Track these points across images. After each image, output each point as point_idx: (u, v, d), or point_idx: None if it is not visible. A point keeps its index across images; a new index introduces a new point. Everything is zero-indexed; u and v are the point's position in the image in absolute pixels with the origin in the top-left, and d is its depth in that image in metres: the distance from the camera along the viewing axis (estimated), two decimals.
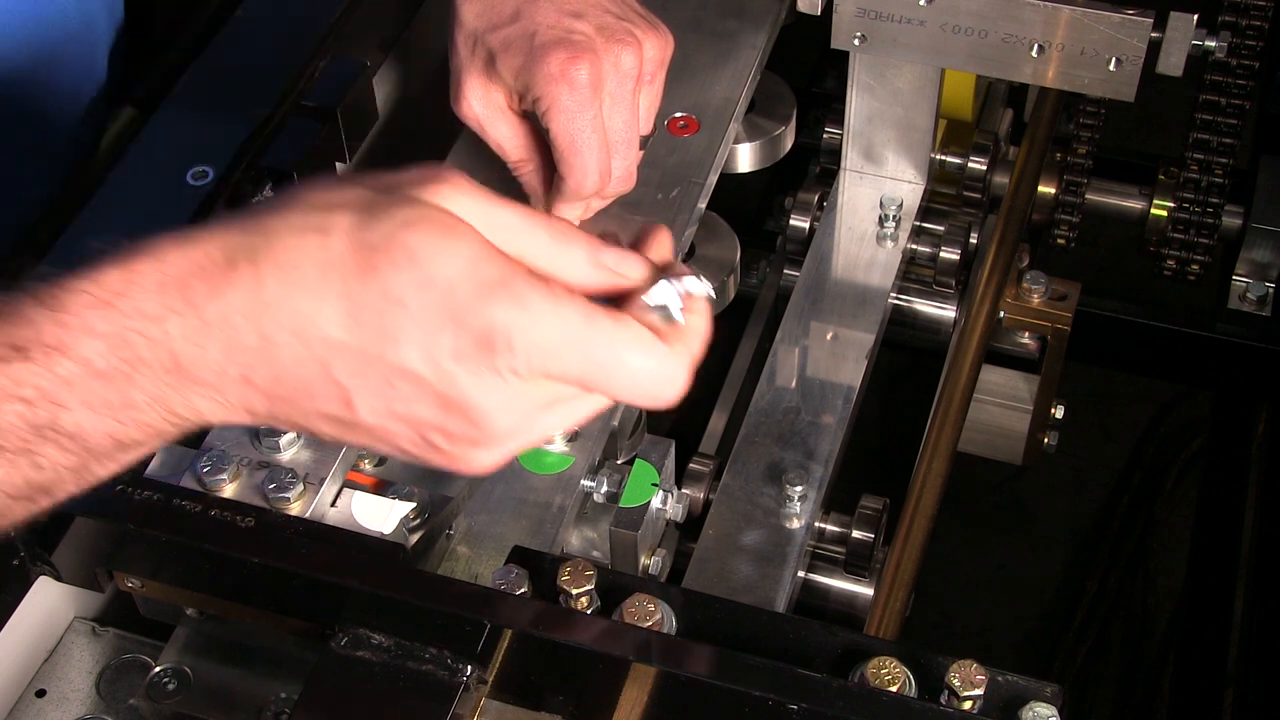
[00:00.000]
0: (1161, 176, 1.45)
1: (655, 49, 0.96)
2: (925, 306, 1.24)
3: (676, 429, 1.11)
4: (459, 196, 0.66)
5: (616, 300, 0.69)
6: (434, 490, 0.89)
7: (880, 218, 1.21)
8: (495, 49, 0.95)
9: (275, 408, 0.66)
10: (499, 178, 1.03)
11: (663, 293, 0.68)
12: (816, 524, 1.03)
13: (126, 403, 0.64)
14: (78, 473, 0.65)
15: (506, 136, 0.99)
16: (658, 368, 0.67)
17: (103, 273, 0.63)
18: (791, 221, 1.25)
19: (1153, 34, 1.04)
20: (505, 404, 0.66)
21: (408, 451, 0.69)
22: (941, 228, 1.23)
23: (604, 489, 0.95)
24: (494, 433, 0.67)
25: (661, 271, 0.70)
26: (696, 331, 0.69)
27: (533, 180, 1.00)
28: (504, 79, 0.96)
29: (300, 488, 0.84)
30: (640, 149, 0.99)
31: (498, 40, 0.95)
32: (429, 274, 0.63)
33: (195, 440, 0.85)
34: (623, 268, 0.69)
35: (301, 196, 0.66)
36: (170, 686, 0.89)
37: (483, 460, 0.69)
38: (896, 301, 1.22)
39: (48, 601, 0.93)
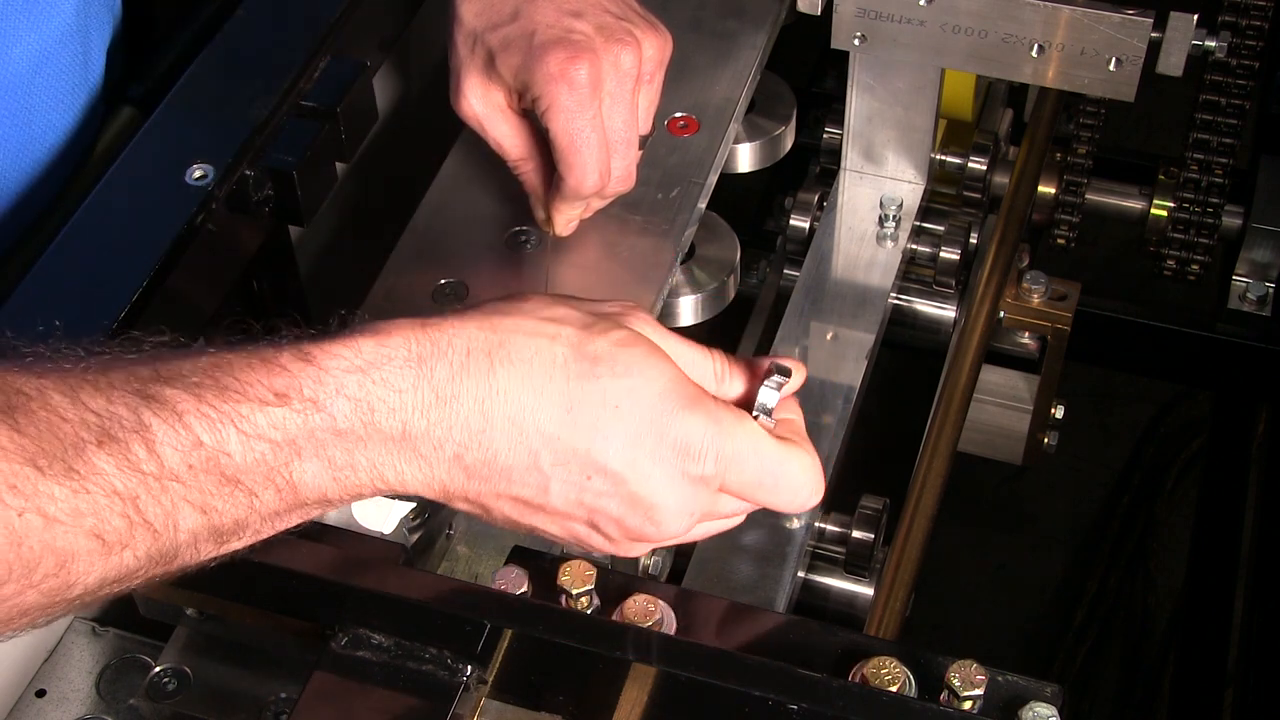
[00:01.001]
0: (1161, 176, 1.45)
1: (654, 49, 0.96)
2: (925, 306, 1.24)
3: None
4: (650, 328, 0.77)
5: None
6: None
7: (880, 218, 1.21)
8: (495, 48, 0.95)
9: (472, 485, 0.73)
10: (499, 176, 1.03)
11: (766, 395, 0.78)
12: (816, 524, 1.03)
13: (350, 463, 0.70)
14: (268, 522, 0.70)
15: (506, 135, 0.99)
16: (813, 477, 0.78)
17: (360, 342, 0.70)
18: (791, 221, 1.25)
19: (1153, 34, 1.04)
20: (681, 506, 0.75)
21: (575, 536, 0.76)
22: (941, 228, 1.23)
23: None
24: (664, 530, 0.76)
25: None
26: (804, 432, 0.81)
27: (532, 179, 1.00)
28: (503, 78, 0.96)
29: None
30: (640, 149, 0.99)
31: (497, 39, 0.95)
32: (640, 386, 0.73)
33: None
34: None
35: (529, 308, 0.74)
36: (170, 686, 0.89)
37: (637, 551, 0.78)
38: (896, 301, 1.22)
39: None
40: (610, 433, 0.72)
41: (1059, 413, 1.40)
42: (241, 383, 0.67)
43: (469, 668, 0.75)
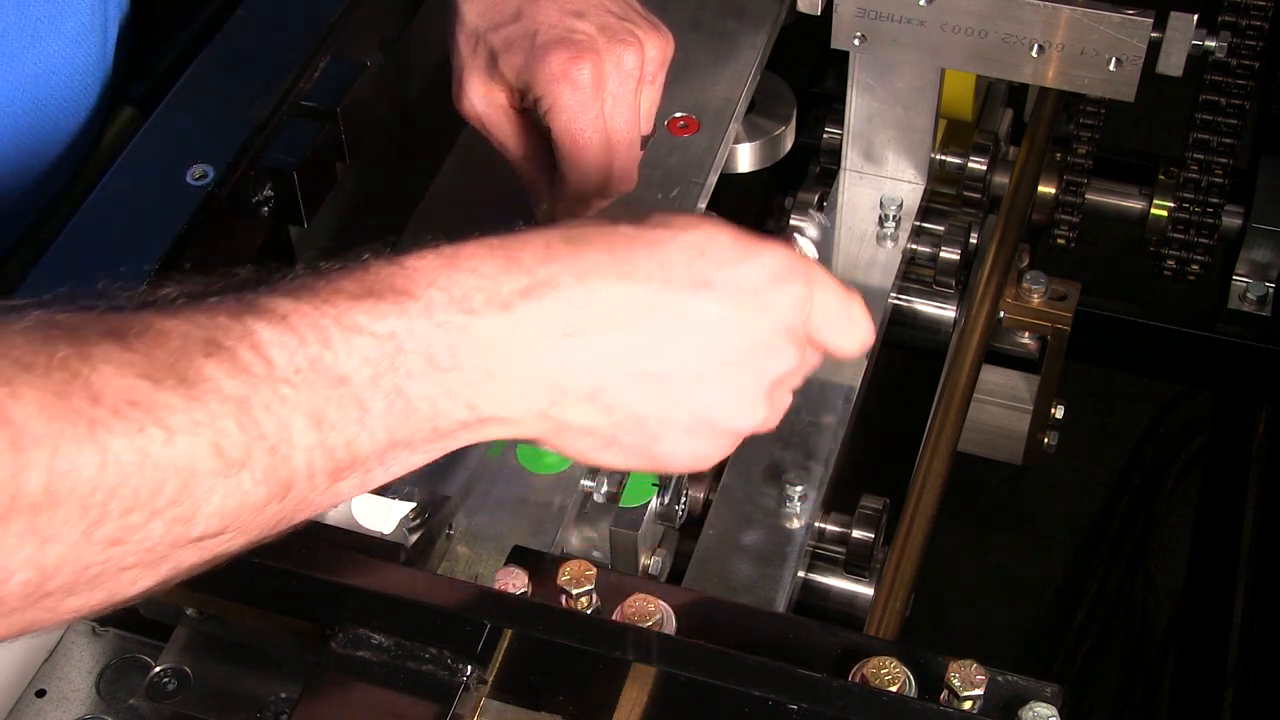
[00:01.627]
0: (1161, 176, 1.45)
1: (657, 49, 0.96)
2: (925, 306, 1.24)
3: None
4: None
5: None
6: (433, 490, 0.89)
7: (880, 218, 1.21)
8: (497, 48, 0.95)
9: (585, 374, 0.69)
10: (501, 176, 1.03)
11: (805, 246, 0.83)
12: (816, 524, 1.03)
13: (454, 363, 0.66)
14: (377, 452, 0.65)
15: (508, 135, 0.99)
16: (866, 313, 0.78)
17: (439, 246, 0.67)
18: (791, 221, 1.25)
19: (1153, 34, 1.04)
20: (798, 339, 0.74)
21: (699, 413, 0.72)
22: (941, 228, 1.23)
23: (604, 489, 0.95)
24: (789, 369, 0.74)
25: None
26: None
27: (534, 179, 1.00)
28: (505, 78, 0.96)
29: None
30: (641, 149, 0.99)
31: (499, 39, 0.95)
32: (705, 231, 0.72)
33: None
34: None
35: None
36: (170, 686, 0.89)
37: (748, 423, 0.74)
38: (896, 301, 1.22)
39: None
40: (711, 280, 0.70)
41: (1059, 413, 1.40)
42: (336, 287, 0.64)
43: (469, 668, 0.75)
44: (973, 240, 1.24)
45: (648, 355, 0.70)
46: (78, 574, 0.58)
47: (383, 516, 0.86)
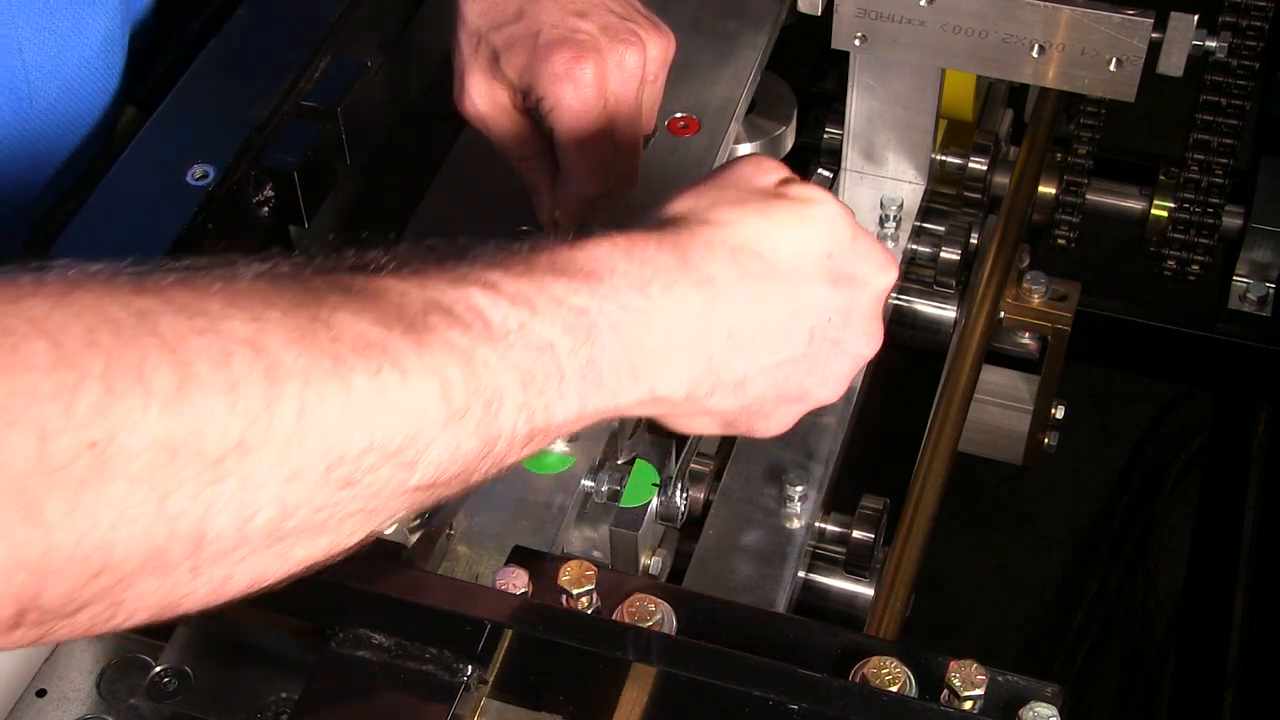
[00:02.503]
0: (1162, 177, 1.45)
1: (658, 49, 0.96)
2: (925, 306, 1.24)
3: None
4: None
5: None
6: None
7: (880, 218, 1.21)
8: (499, 47, 0.95)
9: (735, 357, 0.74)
10: (502, 176, 1.03)
11: None
12: (817, 524, 1.03)
13: (639, 344, 0.70)
14: (565, 421, 0.68)
15: (510, 134, 0.99)
16: None
17: (613, 236, 0.71)
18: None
19: (1153, 34, 1.04)
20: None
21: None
22: (942, 228, 1.23)
23: (604, 489, 0.95)
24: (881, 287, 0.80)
25: None
26: None
27: (536, 178, 1.00)
28: (507, 77, 0.96)
29: None
30: (643, 149, 0.99)
31: (501, 39, 0.95)
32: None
33: None
34: None
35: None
36: (170, 686, 0.89)
37: (830, 398, 0.80)
38: (897, 301, 1.22)
39: None
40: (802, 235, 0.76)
41: (1059, 413, 1.40)
42: (529, 263, 0.68)
43: (469, 668, 0.75)
44: (973, 240, 1.24)
45: (786, 349, 0.76)
46: (311, 516, 0.59)
47: None
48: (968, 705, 0.72)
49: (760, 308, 0.74)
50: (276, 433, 0.57)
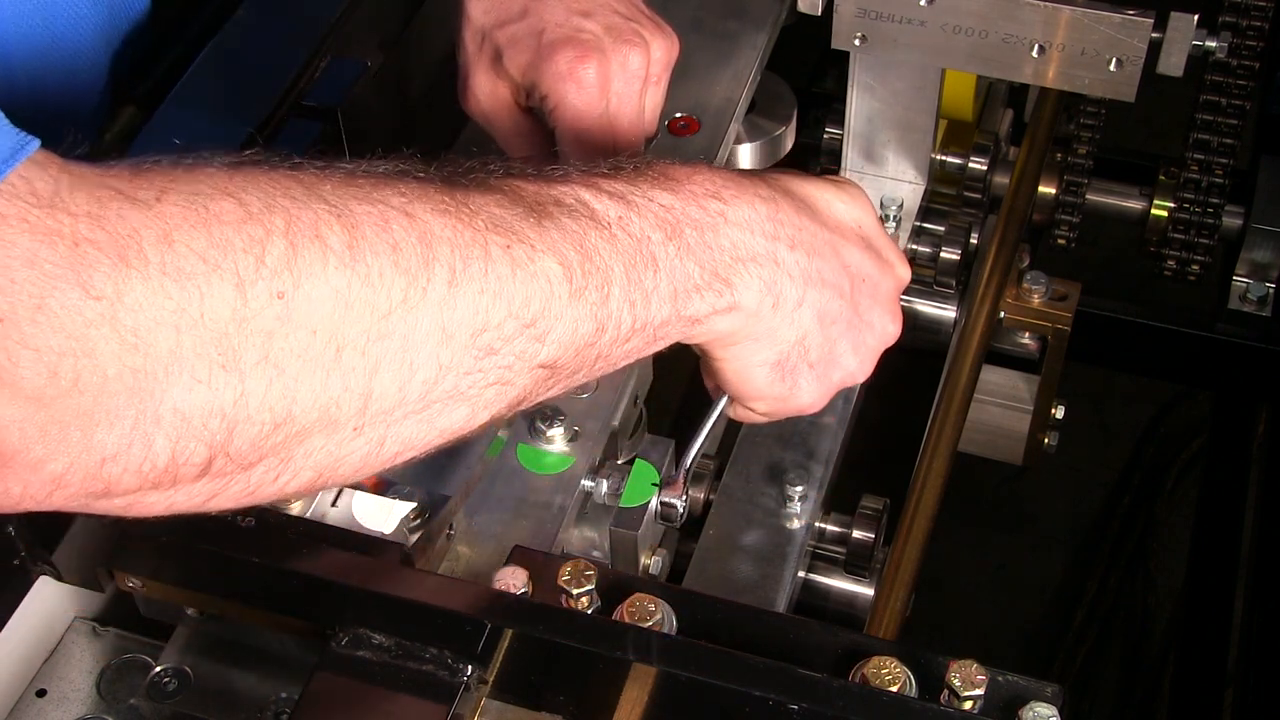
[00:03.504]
0: (1162, 177, 1.45)
1: (661, 50, 0.96)
2: (926, 306, 1.24)
3: (676, 429, 1.11)
4: None
5: None
6: (433, 490, 0.89)
7: (880, 218, 1.21)
8: (502, 45, 0.95)
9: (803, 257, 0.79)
10: None
11: None
12: (817, 524, 1.03)
13: (715, 241, 0.74)
14: (652, 321, 0.72)
15: (512, 132, 0.99)
16: None
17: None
18: None
19: (1153, 34, 1.04)
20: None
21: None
22: (942, 228, 1.23)
23: (604, 489, 0.95)
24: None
25: None
26: None
27: None
28: (511, 76, 0.96)
29: None
30: (644, 149, 0.99)
31: (505, 37, 0.95)
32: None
33: None
34: None
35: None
36: (170, 686, 0.89)
37: (856, 377, 0.84)
38: None
39: (48, 601, 0.93)
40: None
41: (1059, 413, 1.40)
42: (615, 167, 0.73)
43: (469, 668, 0.75)
44: (973, 240, 1.24)
45: (831, 287, 0.80)
46: (458, 381, 0.64)
47: (383, 516, 0.86)
48: (968, 705, 0.72)
49: (811, 239, 0.78)
50: (433, 294, 0.62)
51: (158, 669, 0.90)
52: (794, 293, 0.78)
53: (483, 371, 0.65)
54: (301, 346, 0.58)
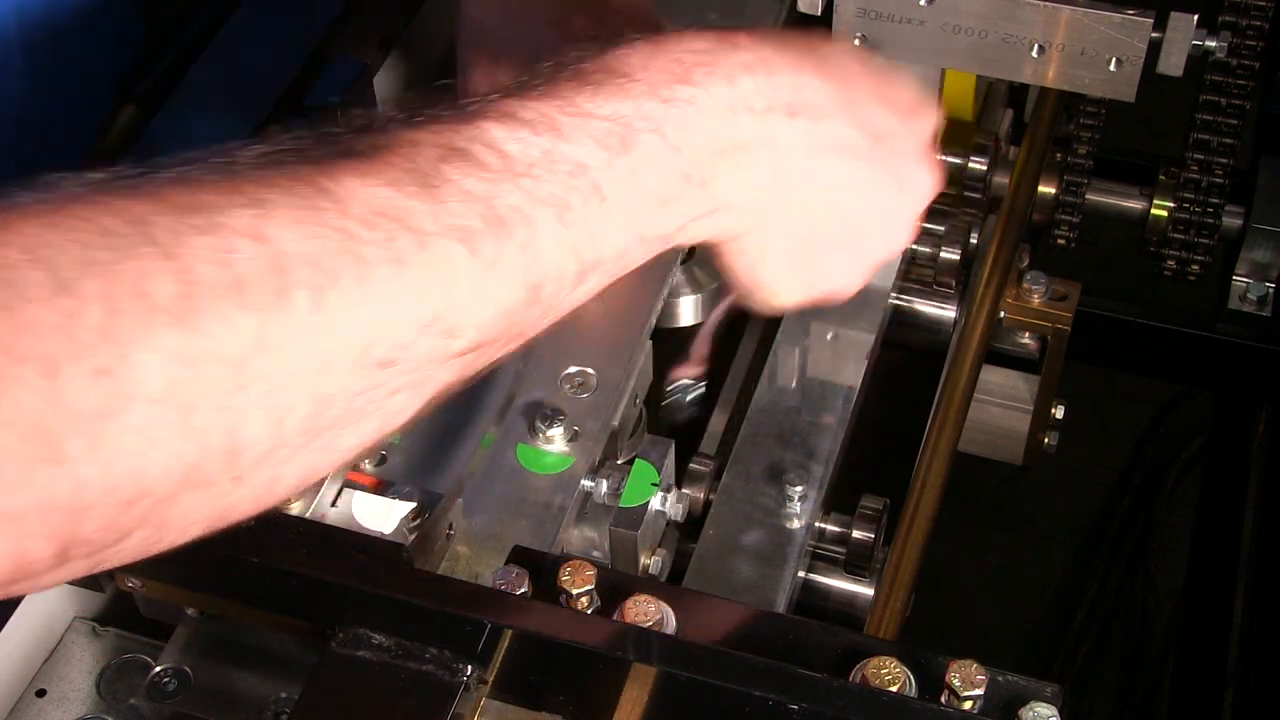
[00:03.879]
0: (1162, 177, 1.45)
1: None
2: (925, 306, 1.24)
3: (676, 429, 1.11)
4: None
5: None
6: (432, 489, 0.89)
7: None
8: (501, 44, 0.95)
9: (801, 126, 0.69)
10: None
11: None
12: (817, 524, 1.03)
13: (686, 140, 0.65)
14: (618, 253, 0.64)
15: None
16: None
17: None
18: None
19: (1153, 34, 1.04)
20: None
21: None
22: (941, 228, 1.23)
23: (604, 489, 0.95)
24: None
25: None
26: None
27: None
28: (510, 74, 0.96)
29: None
30: None
31: (503, 36, 0.95)
32: None
33: None
34: None
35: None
36: (170, 686, 0.89)
37: (893, 249, 0.78)
38: (896, 301, 1.22)
39: (48, 601, 0.93)
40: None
41: (1059, 413, 1.40)
42: (553, 82, 0.64)
43: (469, 668, 0.75)
44: (973, 240, 1.24)
45: (850, 135, 0.71)
46: (350, 404, 0.57)
47: (383, 516, 0.86)
48: (968, 705, 0.72)
49: (815, 98, 0.69)
50: (295, 325, 0.54)
51: (157, 669, 0.90)
52: (800, 168, 0.69)
53: (381, 385, 0.57)
54: (141, 421, 0.51)
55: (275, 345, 0.53)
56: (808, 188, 0.70)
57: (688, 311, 1.10)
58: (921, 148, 0.76)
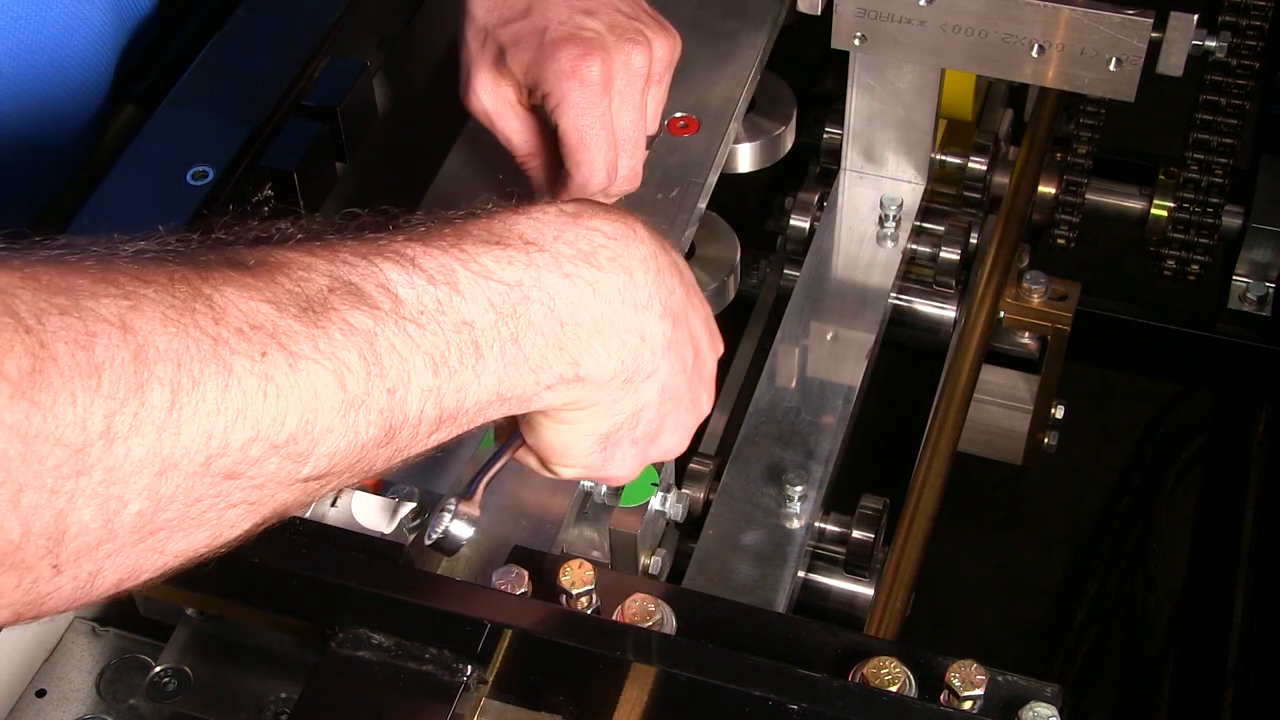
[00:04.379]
0: (1162, 176, 1.45)
1: (664, 50, 0.96)
2: (925, 306, 1.24)
3: None
4: None
5: None
6: (432, 490, 0.89)
7: (880, 218, 1.21)
8: (505, 43, 0.95)
9: (668, 325, 0.73)
10: (504, 172, 1.03)
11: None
12: (816, 524, 1.03)
13: (574, 318, 0.67)
14: (480, 406, 0.65)
15: (515, 131, 0.99)
16: None
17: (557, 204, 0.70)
18: (791, 221, 1.25)
19: (1153, 34, 1.04)
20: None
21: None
22: (941, 228, 1.23)
23: (604, 489, 0.95)
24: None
25: None
26: None
27: (539, 175, 1.00)
28: (514, 74, 0.96)
29: None
30: (646, 149, 0.99)
31: (508, 35, 0.95)
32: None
33: None
34: None
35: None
36: (170, 686, 0.89)
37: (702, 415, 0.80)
38: (896, 301, 1.22)
39: None
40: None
41: (1059, 413, 1.40)
42: (463, 232, 0.65)
43: (469, 668, 0.75)
44: (973, 240, 1.24)
45: (688, 358, 0.76)
46: (187, 509, 0.56)
47: (383, 516, 0.86)
48: (967, 705, 0.72)
49: (678, 306, 0.74)
50: (147, 421, 0.53)
51: (157, 669, 0.90)
52: (649, 365, 0.72)
53: (221, 495, 0.56)
54: None
55: (122, 437, 0.52)
56: (645, 382, 0.73)
57: None
58: (714, 374, 0.80)
